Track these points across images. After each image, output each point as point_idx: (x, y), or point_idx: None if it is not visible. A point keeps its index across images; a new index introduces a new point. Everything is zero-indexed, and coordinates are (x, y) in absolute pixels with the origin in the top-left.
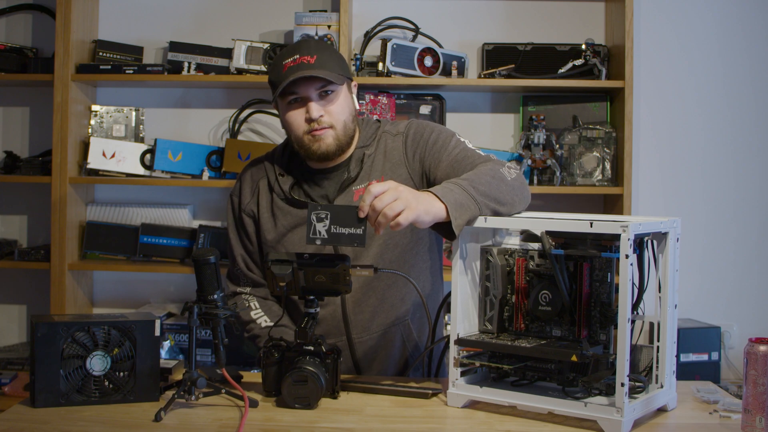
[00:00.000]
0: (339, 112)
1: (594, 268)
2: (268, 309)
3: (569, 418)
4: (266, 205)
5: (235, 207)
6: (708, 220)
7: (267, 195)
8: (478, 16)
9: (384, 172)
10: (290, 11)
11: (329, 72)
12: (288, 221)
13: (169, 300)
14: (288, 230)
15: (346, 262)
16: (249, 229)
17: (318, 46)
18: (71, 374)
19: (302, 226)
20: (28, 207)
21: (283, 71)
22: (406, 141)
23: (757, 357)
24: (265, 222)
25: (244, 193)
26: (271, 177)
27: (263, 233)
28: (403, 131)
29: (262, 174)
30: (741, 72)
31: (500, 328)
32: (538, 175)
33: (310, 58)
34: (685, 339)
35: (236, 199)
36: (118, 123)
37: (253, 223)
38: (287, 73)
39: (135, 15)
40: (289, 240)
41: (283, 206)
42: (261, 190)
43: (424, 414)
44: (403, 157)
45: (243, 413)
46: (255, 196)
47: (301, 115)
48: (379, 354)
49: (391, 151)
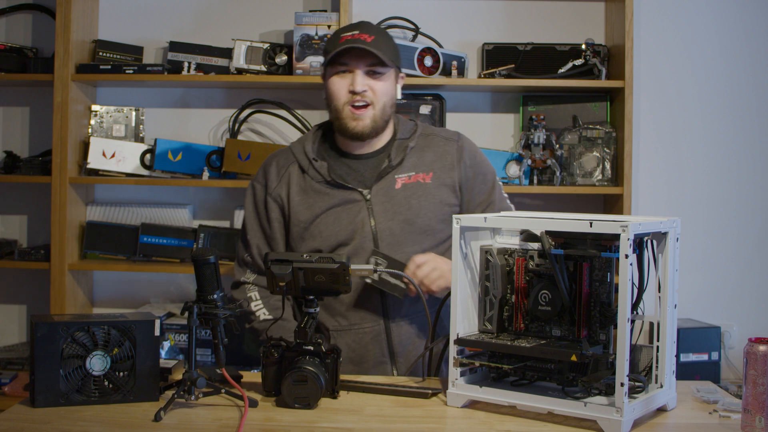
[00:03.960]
0: (382, 92)
1: (594, 268)
2: (267, 301)
3: (569, 418)
4: (298, 189)
5: (258, 192)
6: (708, 220)
7: (299, 179)
8: (478, 16)
9: (434, 169)
10: (290, 11)
11: (383, 53)
12: (325, 202)
13: (169, 300)
14: (323, 210)
15: (346, 262)
16: (273, 214)
17: (378, 30)
18: (71, 374)
19: (338, 207)
20: (28, 207)
21: (339, 42)
22: (462, 153)
23: (757, 357)
24: (297, 204)
25: (270, 179)
26: (303, 161)
27: (294, 215)
28: (455, 139)
29: (292, 160)
30: (741, 72)
31: (500, 328)
32: (538, 175)
33: (368, 37)
34: (685, 339)
35: (259, 186)
36: (118, 123)
37: (278, 207)
38: (342, 45)
39: (135, 15)
40: (323, 221)
41: (320, 188)
42: (292, 175)
43: (423, 414)
44: (455, 165)
45: (243, 413)
46: (284, 181)
47: (345, 86)
48: (415, 342)
49: (444, 153)
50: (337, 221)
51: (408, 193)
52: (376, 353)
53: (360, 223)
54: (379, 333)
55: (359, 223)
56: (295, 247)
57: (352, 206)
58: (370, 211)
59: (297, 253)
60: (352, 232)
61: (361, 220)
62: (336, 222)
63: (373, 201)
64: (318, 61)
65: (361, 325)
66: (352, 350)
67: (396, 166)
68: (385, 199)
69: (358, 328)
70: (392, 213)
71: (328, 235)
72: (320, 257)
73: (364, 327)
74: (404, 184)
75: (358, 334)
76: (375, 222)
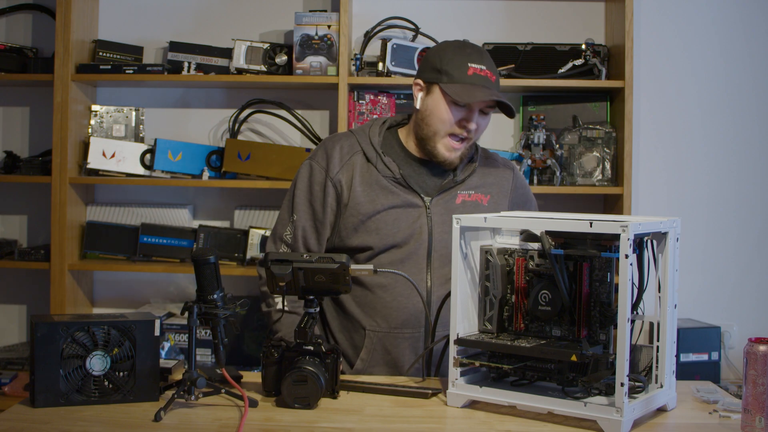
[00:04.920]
0: (483, 128)
1: (594, 268)
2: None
3: (569, 418)
4: (362, 180)
5: (317, 174)
6: (708, 220)
7: (365, 170)
8: (478, 16)
9: (492, 193)
10: (290, 11)
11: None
12: (388, 200)
13: (169, 300)
14: (386, 208)
15: (346, 262)
16: (329, 198)
17: (492, 64)
18: (71, 374)
19: (400, 208)
20: (28, 207)
21: (467, 74)
22: (516, 182)
23: (757, 357)
24: (359, 195)
25: (333, 163)
26: (370, 153)
27: (354, 206)
28: (511, 167)
29: (357, 149)
30: (741, 72)
31: (500, 328)
32: (538, 175)
33: (492, 75)
34: (685, 339)
35: (318, 167)
36: (118, 123)
37: (335, 193)
38: (473, 79)
39: (135, 15)
40: (383, 218)
41: (386, 184)
42: (356, 164)
43: (423, 414)
44: (509, 192)
45: (243, 413)
46: (347, 168)
47: (457, 117)
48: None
49: (502, 179)
50: (396, 222)
51: (466, 210)
52: (412, 360)
53: (418, 229)
54: (417, 340)
55: (417, 229)
56: (345, 237)
57: (413, 210)
58: (429, 219)
59: (297, 254)
60: (409, 236)
61: (420, 226)
62: (395, 222)
63: (433, 210)
64: (318, 61)
65: (402, 330)
66: (388, 353)
67: (460, 182)
68: (444, 211)
69: (397, 333)
70: (449, 226)
71: (386, 233)
72: (320, 257)
73: (404, 332)
74: (464, 200)
75: (397, 339)
76: (432, 231)
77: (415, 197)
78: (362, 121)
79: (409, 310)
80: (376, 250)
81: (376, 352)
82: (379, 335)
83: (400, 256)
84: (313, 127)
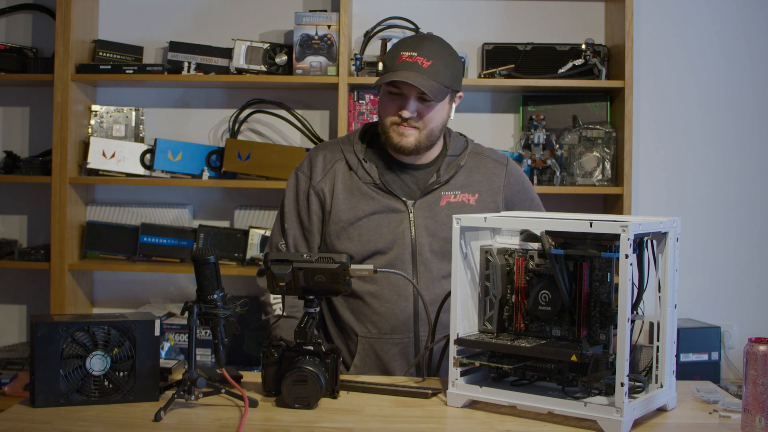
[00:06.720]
0: (430, 119)
1: (594, 268)
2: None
3: (569, 418)
4: (343, 187)
5: (302, 183)
6: (708, 220)
7: (346, 177)
8: (478, 16)
9: (480, 191)
10: (290, 11)
11: (436, 84)
12: (369, 206)
13: (169, 300)
14: (367, 214)
15: (346, 262)
16: (313, 207)
17: (439, 51)
18: (71, 374)
19: (382, 214)
20: (28, 207)
21: (396, 61)
22: (509, 177)
23: (757, 357)
24: (340, 202)
25: (315, 171)
26: (352, 160)
27: (336, 213)
28: (503, 162)
29: (339, 156)
30: (741, 72)
31: (500, 328)
32: (538, 175)
33: (425, 61)
34: (685, 339)
35: (303, 176)
36: (118, 123)
37: (318, 201)
38: (399, 66)
39: (135, 15)
40: (365, 225)
41: (366, 190)
42: (338, 172)
43: (423, 414)
44: (502, 188)
45: (243, 413)
46: (329, 176)
47: (395, 106)
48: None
49: (492, 176)
50: (378, 228)
51: (452, 211)
52: (403, 366)
53: (401, 234)
54: (408, 345)
55: (400, 234)
56: (330, 244)
57: (395, 215)
58: (412, 224)
59: (297, 254)
60: (392, 242)
61: (402, 231)
62: (377, 228)
63: (416, 214)
64: (318, 61)
65: (391, 336)
66: (379, 358)
67: (444, 183)
68: (428, 214)
69: (387, 339)
70: (433, 229)
71: (368, 240)
72: (320, 257)
73: (393, 338)
74: (449, 202)
75: (387, 344)
76: (415, 235)
77: (396, 202)
78: (362, 121)
79: (397, 316)
80: (359, 257)
81: (368, 358)
82: (370, 341)
83: (383, 262)
84: (313, 127)
